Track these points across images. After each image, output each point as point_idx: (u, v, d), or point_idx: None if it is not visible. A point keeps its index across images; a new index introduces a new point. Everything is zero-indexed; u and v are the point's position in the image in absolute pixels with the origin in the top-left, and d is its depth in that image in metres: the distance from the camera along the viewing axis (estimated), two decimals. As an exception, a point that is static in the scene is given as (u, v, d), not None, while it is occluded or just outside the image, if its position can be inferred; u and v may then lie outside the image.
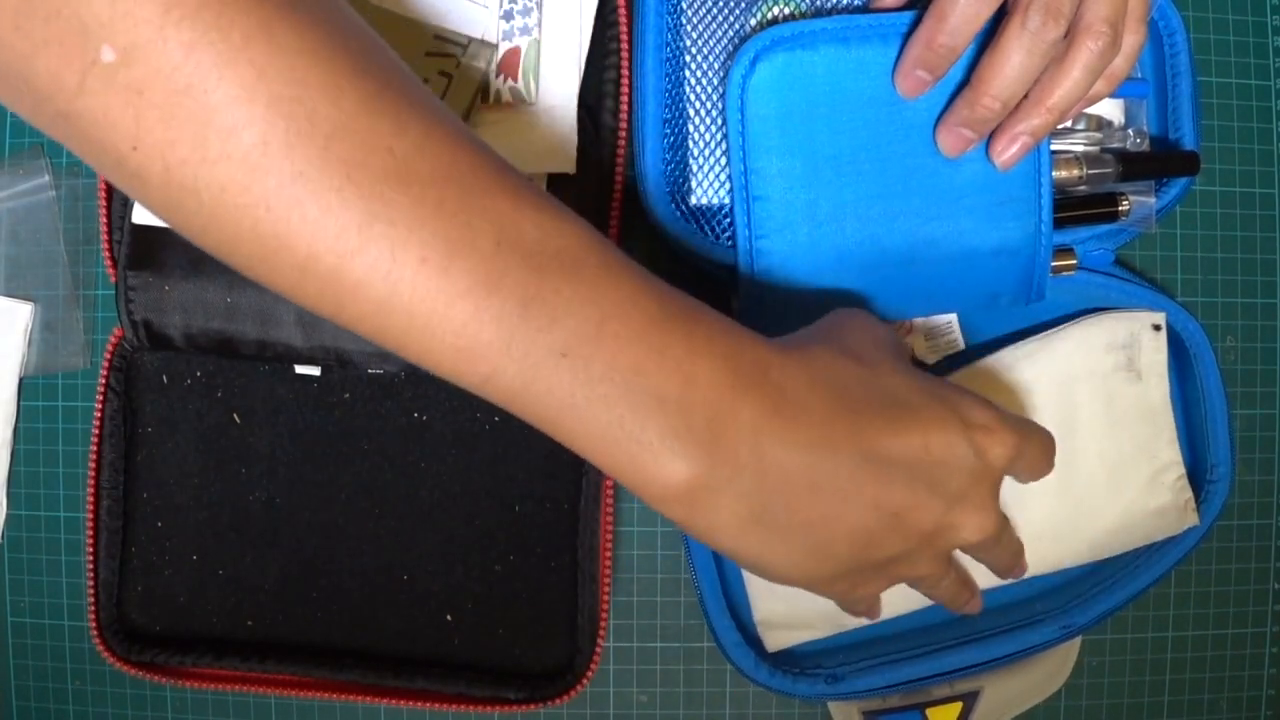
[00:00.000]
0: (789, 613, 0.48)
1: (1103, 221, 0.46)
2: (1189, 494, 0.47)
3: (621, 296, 0.33)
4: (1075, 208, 0.46)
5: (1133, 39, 0.40)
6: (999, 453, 0.36)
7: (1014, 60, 0.38)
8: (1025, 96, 0.40)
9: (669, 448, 0.32)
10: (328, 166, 0.29)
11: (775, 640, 0.48)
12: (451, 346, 0.31)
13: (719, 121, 0.45)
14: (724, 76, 0.44)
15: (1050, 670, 0.49)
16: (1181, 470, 0.48)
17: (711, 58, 0.44)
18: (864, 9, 0.43)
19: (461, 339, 0.31)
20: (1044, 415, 0.47)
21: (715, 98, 0.45)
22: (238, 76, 0.28)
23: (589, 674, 0.48)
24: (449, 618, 0.49)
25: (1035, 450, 0.39)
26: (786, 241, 0.43)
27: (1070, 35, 0.38)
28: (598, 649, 0.48)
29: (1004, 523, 0.39)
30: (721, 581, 0.48)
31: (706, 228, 0.45)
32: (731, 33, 0.44)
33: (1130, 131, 0.46)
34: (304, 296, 0.31)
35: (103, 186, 0.47)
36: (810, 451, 0.34)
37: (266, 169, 0.29)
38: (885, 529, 0.35)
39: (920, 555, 0.37)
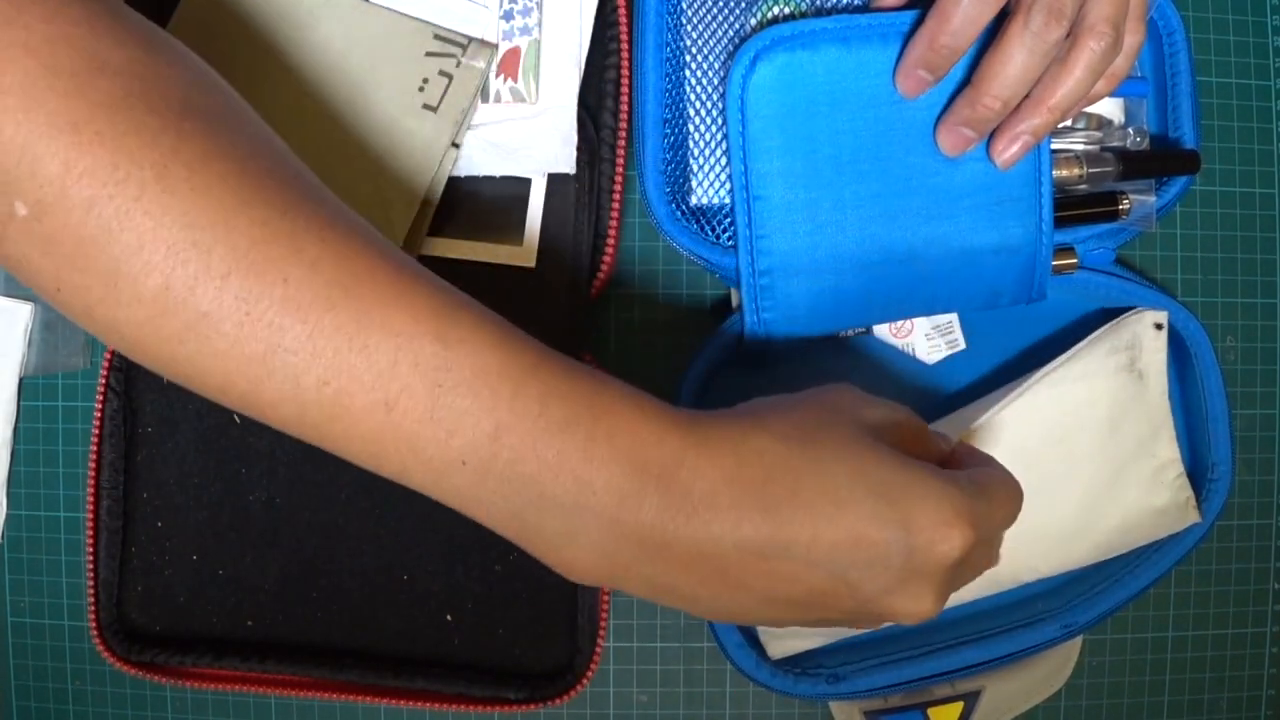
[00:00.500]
0: None
1: (1103, 220, 0.46)
2: (1189, 492, 0.47)
3: (519, 405, 0.33)
4: (1076, 207, 0.46)
5: (1133, 39, 0.40)
6: (943, 551, 0.34)
7: (1016, 60, 0.38)
8: (1026, 96, 0.40)
9: (570, 543, 0.34)
10: (226, 304, 0.31)
11: (779, 648, 0.48)
12: (366, 451, 0.33)
13: (719, 121, 0.45)
14: (724, 76, 0.44)
15: (1051, 669, 0.49)
16: (1181, 469, 0.48)
17: (712, 57, 0.44)
18: (864, 8, 0.43)
19: (373, 446, 0.33)
20: (1045, 417, 0.47)
21: (716, 98, 0.45)
22: (135, 227, 0.31)
23: (589, 674, 0.48)
24: (449, 618, 0.49)
25: (998, 521, 0.37)
26: (787, 241, 0.43)
27: (1072, 35, 0.38)
28: (598, 649, 0.48)
29: (954, 591, 0.37)
30: None
31: (707, 228, 0.45)
32: (732, 32, 0.44)
33: (1130, 130, 0.46)
34: (230, 406, 0.34)
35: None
36: (716, 543, 0.33)
37: (174, 310, 0.31)
38: (808, 604, 0.35)
39: (863, 621, 0.36)
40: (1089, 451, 0.47)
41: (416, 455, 0.33)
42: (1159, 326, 0.47)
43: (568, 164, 0.46)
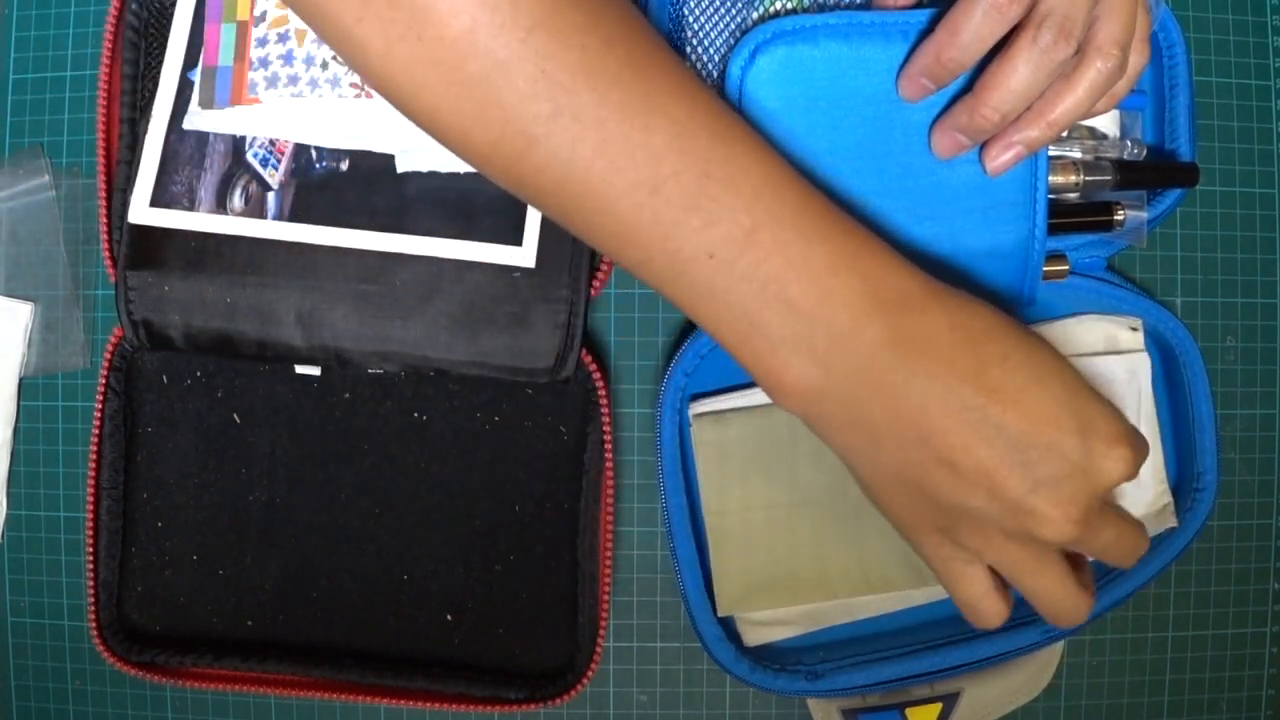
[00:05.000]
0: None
1: (1097, 230, 0.46)
2: (1169, 499, 0.48)
3: (776, 209, 0.35)
4: (1070, 214, 0.46)
5: (1137, 59, 0.40)
6: (1109, 466, 0.36)
7: (1020, 74, 0.38)
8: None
9: (791, 350, 0.36)
10: (526, 57, 0.33)
11: (754, 635, 0.48)
12: (613, 233, 0.35)
13: (718, 117, 0.45)
14: (724, 69, 0.43)
15: (1031, 674, 0.49)
16: (1162, 474, 0.48)
17: (713, 49, 0.44)
18: (866, 6, 0.43)
19: (623, 227, 0.35)
20: None
21: (715, 90, 0.44)
22: None
23: (589, 674, 0.48)
24: (449, 618, 0.49)
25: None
26: None
27: (1079, 53, 0.38)
28: (598, 649, 0.48)
29: (1096, 529, 0.37)
30: (705, 577, 0.48)
31: None
32: (734, 25, 0.44)
33: (1128, 143, 0.46)
34: (489, 169, 0.36)
35: (103, 186, 0.47)
36: (927, 380, 0.35)
37: (473, 53, 0.32)
38: (973, 477, 0.36)
39: (1001, 526, 0.37)
40: None
41: (665, 242, 0.35)
42: (1134, 330, 0.48)
43: None
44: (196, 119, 0.46)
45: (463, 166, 0.46)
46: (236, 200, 0.46)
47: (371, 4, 0.33)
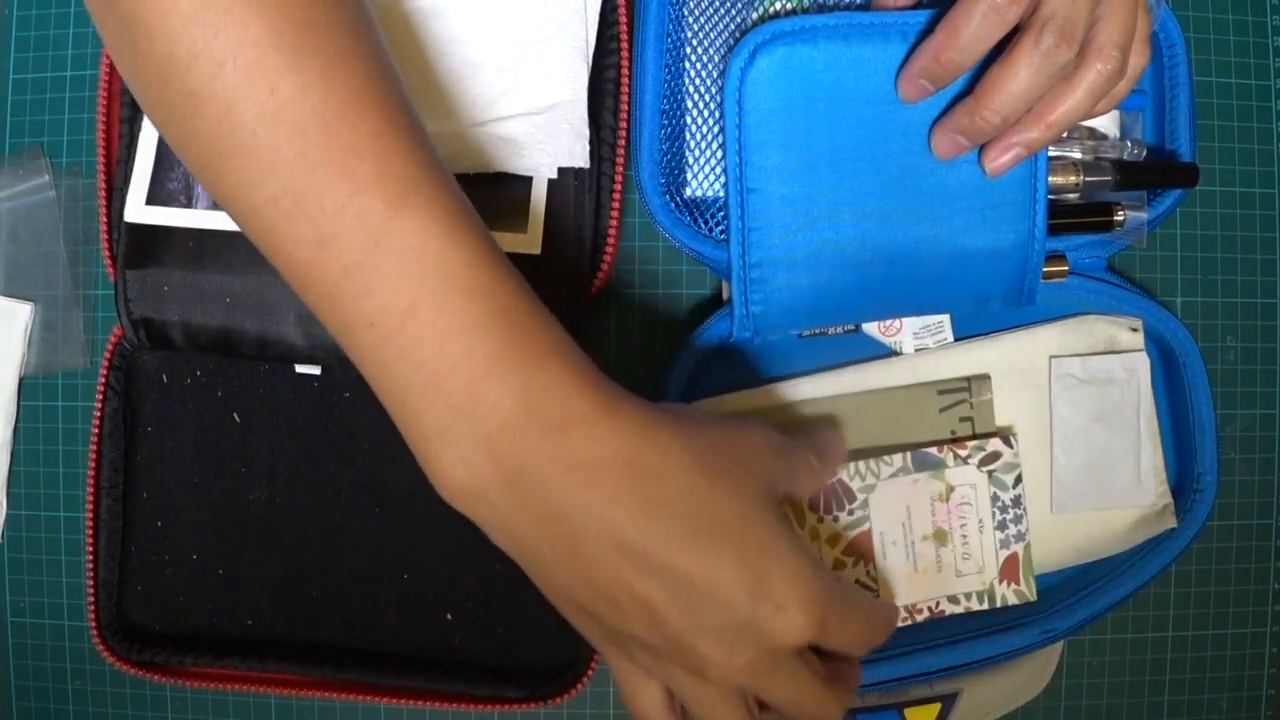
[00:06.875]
0: None
1: (1097, 230, 0.46)
2: (1169, 499, 0.48)
3: (444, 293, 0.33)
4: (1070, 215, 0.46)
5: (1138, 60, 0.40)
6: (779, 628, 0.34)
7: (1021, 77, 0.38)
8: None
9: (442, 444, 0.34)
10: (215, 92, 0.32)
11: None
12: (289, 277, 0.35)
13: (717, 114, 0.45)
14: (724, 69, 0.44)
15: (1031, 674, 0.49)
16: (1162, 475, 0.48)
17: (712, 50, 0.45)
18: (866, 6, 0.43)
19: (295, 275, 0.34)
20: (1025, 420, 0.47)
21: (714, 90, 0.45)
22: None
23: (589, 673, 0.48)
24: (449, 617, 0.49)
25: (848, 636, 0.37)
26: (779, 235, 0.43)
27: (1080, 55, 0.38)
28: (598, 649, 0.48)
29: (770, 682, 0.36)
30: None
31: (700, 220, 0.45)
32: (733, 25, 0.44)
33: (1128, 143, 0.46)
34: (203, 186, 0.36)
35: (102, 186, 0.47)
36: (582, 513, 0.33)
37: (172, 80, 0.33)
38: (633, 610, 0.34)
39: (670, 660, 0.36)
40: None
41: (332, 300, 0.34)
42: (1134, 330, 0.48)
43: (581, 158, 0.46)
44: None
45: (473, 167, 0.46)
46: (236, 200, 0.45)
47: (97, 9, 0.35)
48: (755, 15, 0.44)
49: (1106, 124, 0.47)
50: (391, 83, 0.35)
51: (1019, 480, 0.46)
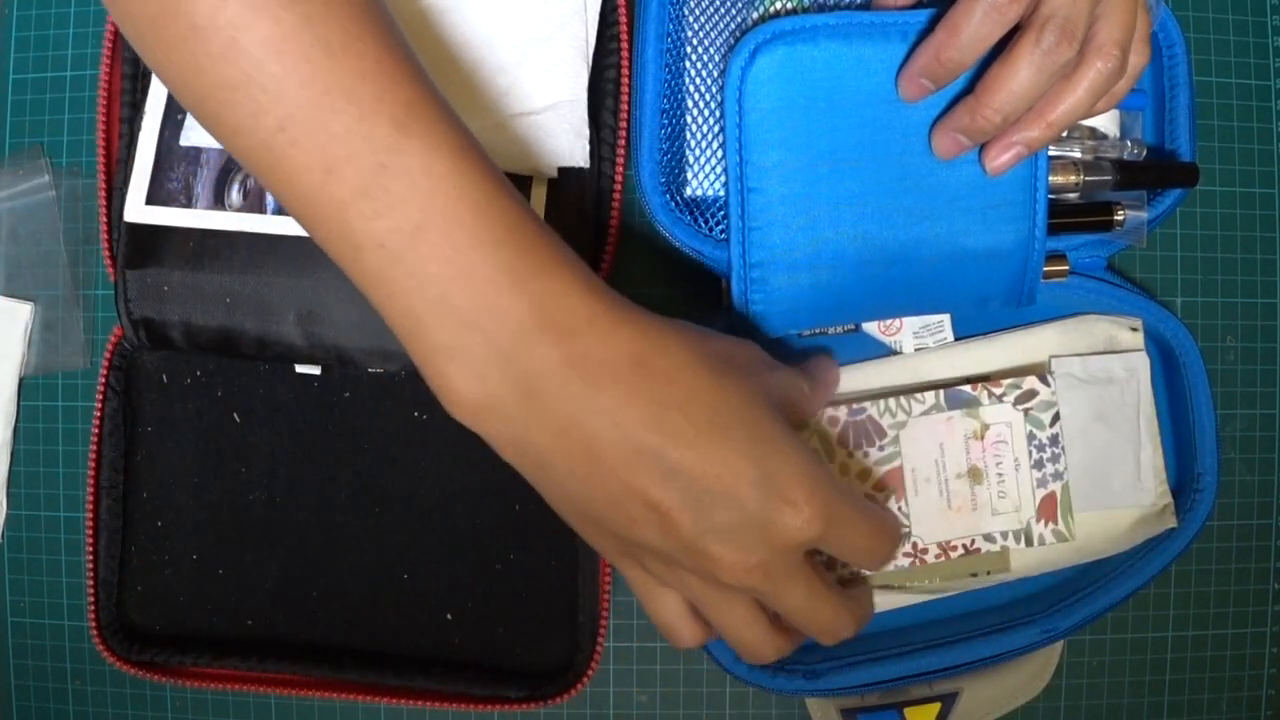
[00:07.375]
0: None
1: (1097, 230, 0.46)
2: (1169, 499, 0.48)
3: (451, 210, 0.34)
4: (1070, 214, 0.46)
5: (1138, 59, 0.40)
6: (787, 523, 0.35)
7: (1022, 76, 0.38)
8: None
9: (449, 357, 0.34)
10: (218, 25, 0.32)
11: None
12: (298, 211, 0.35)
13: (717, 114, 0.45)
14: (724, 69, 0.44)
15: (1031, 674, 0.49)
16: (1163, 475, 0.48)
17: (713, 49, 0.45)
18: (866, 6, 0.43)
19: (304, 205, 0.34)
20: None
21: (715, 90, 0.45)
22: None
23: (589, 673, 0.48)
24: (449, 617, 0.49)
25: (857, 539, 0.37)
26: (780, 234, 0.43)
27: (1080, 53, 0.38)
28: (598, 648, 0.48)
29: (781, 585, 0.36)
30: None
31: (700, 220, 0.45)
32: (734, 25, 0.44)
33: (1128, 143, 0.46)
34: (202, 125, 0.35)
35: (102, 186, 0.47)
36: (597, 416, 0.34)
37: (174, 16, 0.33)
38: (644, 515, 0.35)
39: (683, 566, 0.36)
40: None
41: (340, 225, 0.34)
42: (1134, 330, 0.48)
43: (581, 158, 0.46)
44: (193, 134, 0.46)
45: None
46: (235, 195, 0.45)
47: None
48: (755, 15, 0.44)
49: (1106, 123, 0.47)
50: (387, 19, 0.36)
51: (1056, 419, 0.46)
